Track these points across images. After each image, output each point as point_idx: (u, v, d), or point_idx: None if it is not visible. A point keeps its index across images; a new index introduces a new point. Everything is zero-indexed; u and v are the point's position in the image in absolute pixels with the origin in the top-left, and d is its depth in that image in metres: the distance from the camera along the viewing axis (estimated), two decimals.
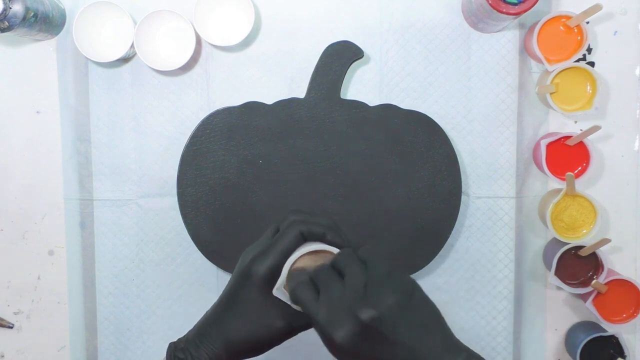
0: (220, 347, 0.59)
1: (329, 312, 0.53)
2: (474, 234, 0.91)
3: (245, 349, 0.60)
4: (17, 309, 0.95)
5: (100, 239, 0.92)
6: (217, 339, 0.59)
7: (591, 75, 0.84)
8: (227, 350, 0.59)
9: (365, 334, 0.52)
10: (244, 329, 0.59)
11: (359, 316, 0.51)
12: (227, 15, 0.90)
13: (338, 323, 0.52)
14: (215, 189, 0.86)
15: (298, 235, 0.59)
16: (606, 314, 0.86)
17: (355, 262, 0.55)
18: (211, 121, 0.86)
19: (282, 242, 0.59)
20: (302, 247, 0.58)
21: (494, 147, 0.90)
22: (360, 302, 0.52)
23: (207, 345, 0.60)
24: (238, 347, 0.60)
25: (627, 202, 0.91)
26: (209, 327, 0.61)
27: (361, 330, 0.52)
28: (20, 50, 0.92)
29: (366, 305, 0.52)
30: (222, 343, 0.59)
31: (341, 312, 0.52)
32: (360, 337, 0.52)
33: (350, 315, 0.52)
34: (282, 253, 0.58)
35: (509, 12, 0.77)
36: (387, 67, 0.90)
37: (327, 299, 0.54)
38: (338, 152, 0.86)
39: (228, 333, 0.59)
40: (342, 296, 0.53)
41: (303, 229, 0.59)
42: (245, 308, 0.59)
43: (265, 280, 0.58)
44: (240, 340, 0.59)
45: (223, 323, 0.60)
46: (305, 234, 0.59)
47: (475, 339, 0.91)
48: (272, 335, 0.60)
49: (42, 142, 0.93)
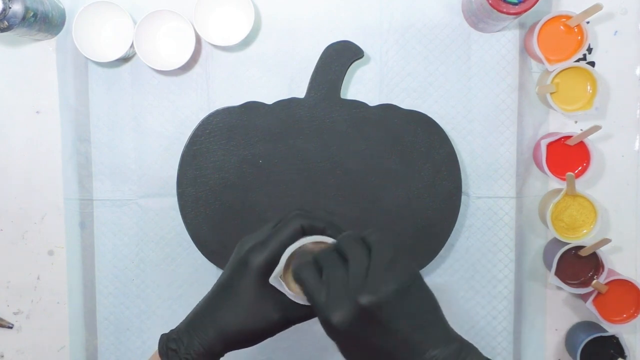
0: (214, 337, 0.58)
1: (330, 293, 0.53)
2: (474, 234, 0.91)
3: (239, 339, 0.59)
4: (17, 309, 0.95)
5: (100, 239, 0.92)
6: (211, 329, 0.59)
7: (591, 75, 0.84)
8: (220, 340, 0.59)
9: (363, 318, 0.52)
10: (239, 319, 0.58)
11: (359, 300, 0.52)
12: (227, 15, 0.90)
13: (337, 306, 0.52)
14: (215, 188, 0.86)
15: (298, 228, 0.59)
16: (606, 314, 0.86)
17: (360, 246, 0.55)
18: (211, 121, 0.86)
19: (282, 233, 0.59)
20: (301, 239, 0.58)
21: (494, 147, 0.90)
22: (361, 287, 0.52)
23: (200, 335, 0.59)
24: (232, 337, 0.59)
25: (627, 202, 0.91)
26: (203, 316, 0.60)
27: (359, 315, 0.52)
28: (20, 50, 0.92)
29: (366, 290, 0.52)
30: (215, 333, 0.58)
31: (341, 295, 0.53)
32: (357, 322, 0.52)
33: (350, 299, 0.52)
34: (280, 244, 0.58)
35: (509, 12, 0.77)
36: (387, 67, 0.90)
37: (329, 280, 0.54)
38: (338, 152, 0.86)
39: (222, 323, 0.59)
40: (344, 279, 0.53)
41: (304, 223, 0.59)
42: (241, 298, 0.58)
43: (261, 270, 0.58)
44: (234, 330, 0.59)
45: (217, 313, 0.59)
46: (305, 227, 0.59)
47: (475, 339, 0.91)
48: (267, 327, 0.59)
49: (42, 142, 0.93)
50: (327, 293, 0.53)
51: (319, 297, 0.54)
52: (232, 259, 0.60)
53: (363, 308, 0.52)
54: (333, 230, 0.60)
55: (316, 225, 0.60)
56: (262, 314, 0.58)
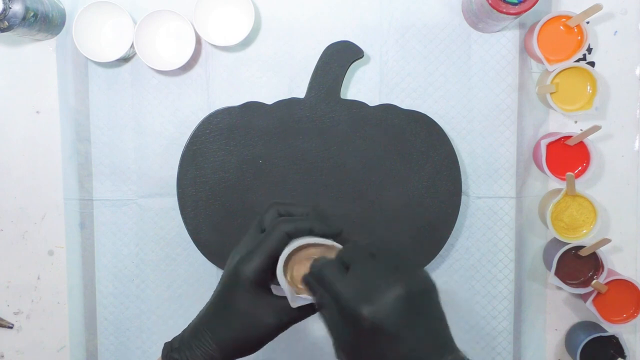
0: (214, 348, 0.61)
1: (359, 287, 0.54)
2: (474, 234, 0.91)
3: (239, 348, 0.62)
4: (17, 309, 0.95)
5: (100, 239, 0.92)
6: (211, 340, 0.61)
7: (591, 75, 0.84)
8: (221, 351, 0.61)
9: (398, 310, 0.52)
10: (236, 329, 0.61)
11: (393, 293, 0.52)
12: (227, 15, 0.90)
13: (367, 298, 0.53)
14: (215, 188, 0.86)
15: (284, 236, 0.61)
16: (606, 314, 0.86)
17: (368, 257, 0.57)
18: (211, 121, 0.86)
19: (268, 245, 0.61)
20: (292, 242, 0.60)
21: (494, 147, 0.90)
22: (391, 280, 0.53)
23: (201, 346, 0.61)
24: (231, 347, 0.61)
25: (627, 202, 0.91)
26: (202, 328, 0.62)
27: (392, 307, 0.52)
28: (20, 50, 0.92)
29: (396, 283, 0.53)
30: (215, 344, 0.61)
31: (372, 288, 0.53)
32: (394, 312, 0.52)
33: (383, 291, 0.53)
34: (267, 254, 0.60)
35: (509, 12, 0.77)
36: (387, 67, 0.90)
37: (358, 274, 0.55)
38: (338, 152, 0.86)
39: (221, 334, 0.61)
40: (375, 272, 0.54)
41: (288, 229, 0.61)
42: (236, 308, 0.61)
43: (252, 280, 0.60)
44: (233, 339, 0.61)
45: (215, 324, 0.62)
46: (291, 233, 0.61)
47: (475, 338, 0.91)
48: (264, 332, 0.61)
49: (41, 142, 0.93)
50: (355, 287, 0.54)
51: (344, 290, 0.54)
52: (225, 272, 0.63)
53: (399, 298, 0.52)
54: (318, 225, 0.62)
55: (301, 227, 0.61)
56: (258, 321, 0.61)
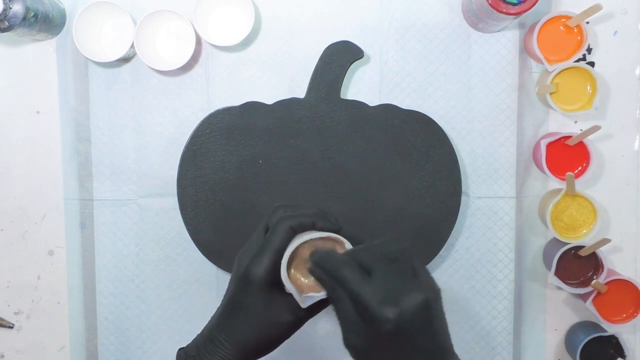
0: (233, 351, 0.61)
1: (384, 291, 0.53)
2: (474, 234, 0.91)
3: (257, 349, 0.62)
4: (17, 309, 0.95)
5: (100, 239, 0.92)
6: (228, 344, 0.61)
7: (591, 75, 0.84)
8: (239, 353, 0.61)
9: (419, 315, 0.52)
10: (253, 331, 0.61)
11: (417, 297, 0.52)
12: (227, 15, 0.90)
13: (394, 302, 0.52)
14: (215, 188, 0.86)
15: (288, 230, 0.60)
16: (606, 314, 0.86)
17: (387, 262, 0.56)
18: (211, 121, 0.86)
19: (274, 241, 0.60)
20: (296, 239, 0.60)
21: (494, 147, 0.90)
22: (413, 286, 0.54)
23: (219, 351, 0.61)
24: (250, 349, 0.61)
25: (627, 202, 0.91)
26: (218, 333, 0.62)
27: (415, 311, 0.52)
28: (20, 50, 0.92)
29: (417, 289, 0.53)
30: (233, 347, 0.61)
31: (397, 293, 0.53)
32: (413, 317, 0.52)
33: (407, 294, 0.53)
34: (275, 251, 0.60)
35: (509, 12, 0.77)
36: (387, 67, 0.90)
37: (381, 277, 0.54)
38: (338, 152, 0.86)
39: (238, 337, 0.61)
40: (398, 277, 0.54)
41: (292, 224, 0.60)
42: (251, 311, 0.60)
43: (263, 281, 0.59)
44: (251, 341, 0.61)
45: (231, 328, 0.61)
46: (295, 227, 0.60)
47: (475, 339, 0.91)
48: (281, 331, 0.61)
49: (41, 142, 0.93)
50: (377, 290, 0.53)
51: (367, 292, 0.53)
52: (234, 275, 0.62)
53: (420, 303, 0.52)
54: (321, 220, 0.62)
55: (304, 222, 0.61)
56: (274, 320, 0.61)
